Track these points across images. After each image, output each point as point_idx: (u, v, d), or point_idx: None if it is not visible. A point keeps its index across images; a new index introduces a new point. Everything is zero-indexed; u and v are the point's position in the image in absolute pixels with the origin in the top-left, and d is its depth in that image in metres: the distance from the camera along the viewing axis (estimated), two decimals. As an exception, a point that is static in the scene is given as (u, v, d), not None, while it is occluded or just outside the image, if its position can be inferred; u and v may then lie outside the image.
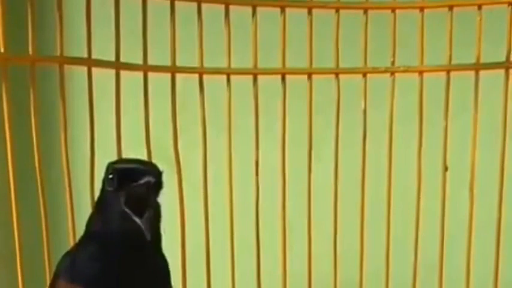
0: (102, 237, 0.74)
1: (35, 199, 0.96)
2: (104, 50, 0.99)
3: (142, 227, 0.72)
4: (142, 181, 0.72)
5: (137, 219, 0.72)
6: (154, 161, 1.02)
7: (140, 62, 1.01)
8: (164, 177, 0.76)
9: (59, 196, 1.00)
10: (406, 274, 1.09)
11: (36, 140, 0.95)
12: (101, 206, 0.76)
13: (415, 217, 1.09)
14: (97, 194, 0.79)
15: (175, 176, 1.04)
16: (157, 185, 0.75)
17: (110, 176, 0.74)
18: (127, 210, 0.73)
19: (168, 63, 1.03)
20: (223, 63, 1.06)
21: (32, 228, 0.97)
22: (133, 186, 0.72)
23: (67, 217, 0.98)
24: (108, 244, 0.74)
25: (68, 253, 0.79)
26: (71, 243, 0.94)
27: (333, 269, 1.09)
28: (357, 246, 1.09)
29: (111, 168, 0.76)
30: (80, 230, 0.81)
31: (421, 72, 1.08)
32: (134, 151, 0.97)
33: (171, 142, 1.04)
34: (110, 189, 0.75)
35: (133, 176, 0.72)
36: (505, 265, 1.09)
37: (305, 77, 1.08)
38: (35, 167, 0.95)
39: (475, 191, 1.07)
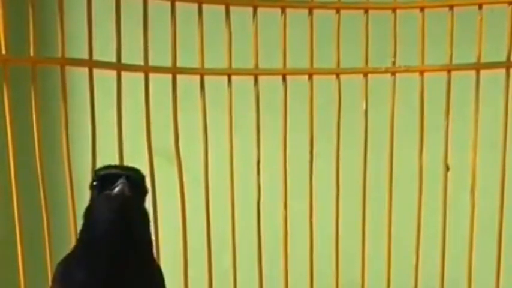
0: (90, 244, 0.76)
1: (36, 199, 0.96)
2: (104, 51, 0.99)
3: (117, 189, 0.73)
4: (118, 182, 0.74)
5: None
6: (155, 163, 1.02)
7: (141, 62, 1.02)
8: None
9: (60, 196, 1.01)
10: (408, 274, 1.09)
11: (38, 140, 0.95)
12: (87, 211, 0.79)
13: (416, 217, 1.09)
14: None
15: (177, 178, 1.04)
16: (140, 189, 0.77)
17: (94, 183, 0.77)
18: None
19: (169, 64, 1.04)
20: (224, 64, 1.06)
21: (34, 227, 0.97)
22: (111, 188, 0.74)
23: (68, 216, 0.98)
24: (96, 251, 0.76)
25: (61, 262, 0.80)
26: (72, 242, 0.94)
27: (335, 269, 1.09)
28: (358, 247, 1.09)
29: (94, 174, 0.78)
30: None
31: (421, 72, 1.08)
32: (134, 152, 0.98)
33: (172, 144, 1.05)
34: (94, 194, 0.77)
35: (112, 180, 0.74)
36: (506, 265, 1.08)
37: (306, 77, 1.08)
38: (36, 168, 0.95)
39: (476, 190, 1.07)
